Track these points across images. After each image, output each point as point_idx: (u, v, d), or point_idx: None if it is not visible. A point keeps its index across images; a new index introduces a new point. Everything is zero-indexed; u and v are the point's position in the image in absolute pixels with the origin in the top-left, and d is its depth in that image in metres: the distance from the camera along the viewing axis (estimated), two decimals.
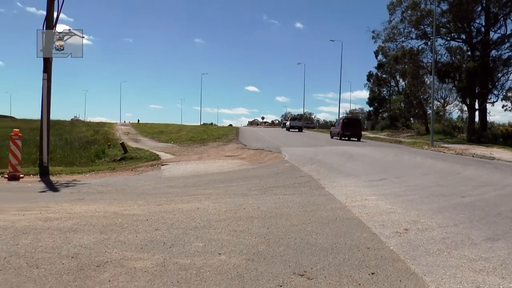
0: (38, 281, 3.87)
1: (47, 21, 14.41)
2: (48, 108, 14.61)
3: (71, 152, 21.92)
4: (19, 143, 13.71)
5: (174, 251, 4.79)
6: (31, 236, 5.39)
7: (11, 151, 13.35)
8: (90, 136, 35.02)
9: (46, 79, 14.32)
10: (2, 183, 12.04)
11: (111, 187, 10.86)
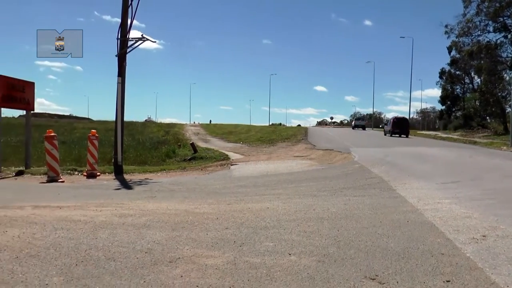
0: (115, 273, 4.05)
1: (122, 28, 15.06)
2: (122, 110, 15.24)
3: (143, 152, 22.70)
4: (96, 143, 14.41)
5: (244, 250, 4.84)
6: (108, 231, 5.66)
7: (89, 151, 14.05)
8: (161, 136, 36.11)
9: (120, 83, 14.96)
10: (81, 181, 12.70)
11: (181, 186, 11.16)
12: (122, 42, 15.04)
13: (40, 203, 8.04)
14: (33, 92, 16.49)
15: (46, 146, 12.94)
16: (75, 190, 10.36)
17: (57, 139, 13.41)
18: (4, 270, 4.18)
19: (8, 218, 6.51)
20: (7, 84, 14.94)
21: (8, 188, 10.81)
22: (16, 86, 15.44)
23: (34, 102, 16.56)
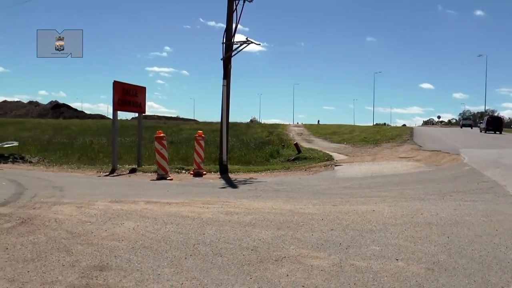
0: (222, 268, 4.13)
1: (227, 32, 15.48)
2: (227, 111, 15.65)
3: (247, 152, 23.12)
4: (202, 143, 14.93)
5: (350, 253, 4.71)
6: (215, 228, 5.80)
7: (195, 151, 14.59)
8: (265, 137, 36.60)
9: (225, 85, 15.37)
10: (188, 179, 13.21)
11: (286, 186, 11.19)
12: (227, 46, 15.44)
13: (151, 199, 8.48)
14: (144, 96, 17.51)
15: (156, 146, 13.65)
16: (183, 188, 10.80)
17: (166, 140, 14.08)
18: (122, 258, 4.46)
19: (124, 212, 6.95)
20: (122, 89, 16.02)
21: (123, 184, 11.54)
22: (130, 91, 16.50)
23: (145, 105, 17.57)
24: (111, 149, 17.94)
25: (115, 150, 15.84)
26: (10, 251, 4.77)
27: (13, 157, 19.97)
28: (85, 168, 16.47)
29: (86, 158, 20.15)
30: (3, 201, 8.06)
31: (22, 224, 6.08)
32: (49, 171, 15.48)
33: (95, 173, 14.79)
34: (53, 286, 3.73)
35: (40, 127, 55.20)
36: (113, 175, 14.10)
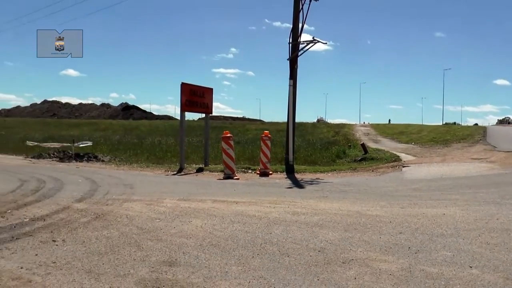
0: (289, 268, 4.10)
1: (293, 32, 15.43)
2: (294, 111, 15.60)
3: (313, 152, 22.98)
4: (268, 143, 14.97)
5: (420, 258, 4.53)
6: (282, 227, 5.79)
7: (262, 151, 14.65)
8: (331, 137, 36.25)
9: (291, 85, 15.32)
10: (254, 179, 13.29)
11: (352, 187, 11.00)
12: (294, 46, 15.40)
13: (218, 197, 8.60)
14: (211, 97, 17.81)
15: (223, 146, 13.83)
16: (249, 187, 10.87)
17: (232, 140, 14.24)
18: (191, 255, 4.54)
19: (192, 210, 7.09)
20: (190, 91, 16.40)
21: (191, 183, 11.79)
22: (197, 92, 16.85)
23: (212, 106, 17.86)
24: (178, 149, 18.39)
25: (182, 149, 16.23)
26: (87, 244, 4.99)
27: (88, 156, 20.99)
28: (154, 167, 16.98)
29: (154, 157, 20.79)
30: (80, 197, 8.46)
31: (96, 219, 6.35)
32: (120, 170, 16.10)
33: (163, 172, 15.21)
34: (126, 278, 3.85)
35: (111, 128, 57.65)
36: (181, 174, 14.44)
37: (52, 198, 8.39)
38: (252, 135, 37.97)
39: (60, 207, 7.34)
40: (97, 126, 61.14)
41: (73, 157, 20.75)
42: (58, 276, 3.92)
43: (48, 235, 5.45)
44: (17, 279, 3.86)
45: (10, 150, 25.66)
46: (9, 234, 5.48)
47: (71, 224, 6.04)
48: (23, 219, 6.40)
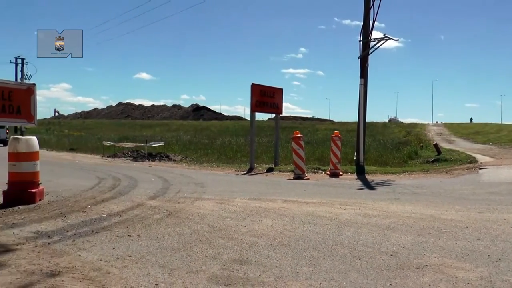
0: (361, 272, 4.04)
1: (364, 30, 15.18)
2: (365, 111, 15.35)
3: (384, 153, 22.48)
4: (339, 143, 14.81)
5: (501, 267, 4.28)
6: (352, 230, 5.71)
7: (332, 151, 14.52)
8: (402, 137, 35.30)
9: (362, 84, 15.08)
10: (324, 179, 13.20)
11: (425, 189, 10.65)
12: (364, 44, 15.14)
13: (288, 197, 8.62)
14: (281, 97, 17.87)
15: (293, 146, 13.84)
16: (319, 188, 10.80)
17: (302, 140, 14.21)
18: (262, 254, 4.58)
19: (262, 209, 7.15)
20: (260, 91, 16.54)
21: (261, 183, 11.89)
22: (267, 93, 16.97)
23: (282, 107, 17.91)
24: (248, 149, 18.61)
25: (253, 149, 16.41)
26: (160, 240, 5.17)
27: (160, 155, 21.72)
28: (224, 167, 17.28)
29: (224, 157, 21.15)
30: (153, 195, 8.77)
31: (169, 216, 6.56)
32: (191, 169, 16.51)
33: (233, 172, 15.44)
34: (198, 274, 3.95)
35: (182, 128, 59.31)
36: (251, 174, 14.60)
37: (127, 195, 8.76)
38: (322, 135, 37.73)
39: (135, 204, 7.65)
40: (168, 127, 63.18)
41: (146, 157, 21.55)
42: (134, 269, 4.09)
43: (124, 230, 5.70)
44: (97, 270, 4.07)
45: (89, 150, 27.08)
46: (89, 228, 5.80)
47: (145, 220, 6.28)
48: (101, 214, 6.74)
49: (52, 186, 9.61)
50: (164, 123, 72.65)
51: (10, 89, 7.92)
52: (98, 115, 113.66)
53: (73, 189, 9.40)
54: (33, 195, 7.73)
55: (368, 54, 15.16)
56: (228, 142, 30.62)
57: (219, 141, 31.68)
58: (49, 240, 5.20)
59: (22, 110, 8.12)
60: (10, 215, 6.67)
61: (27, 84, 8.58)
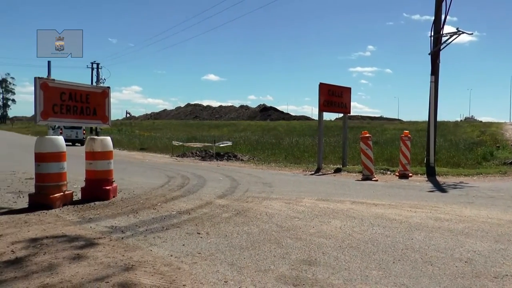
0: (433, 278, 3.91)
1: (435, 25, 14.63)
2: (435, 109, 14.81)
3: (456, 153, 21.58)
4: (408, 144, 14.41)
5: None
6: (423, 234, 5.55)
7: (401, 151, 14.15)
8: (476, 137, 33.75)
9: (433, 81, 14.55)
10: (393, 180, 12.89)
11: (502, 193, 10.12)
12: (435, 39, 14.60)
13: (357, 199, 8.50)
14: (349, 96, 17.61)
15: (361, 146, 13.62)
16: (388, 189, 10.56)
17: (371, 140, 13.95)
18: (330, 255, 4.56)
19: (330, 210, 7.11)
20: (328, 91, 16.39)
21: (329, 183, 11.78)
22: (335, 92, 16.79)
23: (350, 106, 17.65)
24: (316, 149, 18.51)
25: (320, 150, 16.31)
26: (229, 238, 5.27)
27: (227, 155, 22.06)
28: (292, 167, 17.29)
29: (292, 157, 21.15)
30: (221, 194, 8.94)
31: (237, 215, 6.66)
32: (258, 169, 16.63)
33: (301, 172, 15.42)
34: (266, 274, 3.99)
35: (250, 129, 59.84)
36: (318, 174, 14.52)
37: (195, 193, 8.98)
38: (390, 135, 36.81)
39: (203, 202, 7.84)
40: (236, 127, 63.95)
41: (214, 156, 21.96)
42: (203, 266, 4.20)
43: (193, 227, 5.86)
44: (168, 265, 4.22)
45: (158, 149, 27.97)
46: (160, 225, 6.01)
47: (213, 219, 6.42)
48: (171, 211, 6.97)
49: (125, 184, 10.05)
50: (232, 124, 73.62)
51: (87, 92, 8.38)
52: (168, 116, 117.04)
53: (144, 187, 9.78)
54: (107, 192, 8.15)
55: (440, 50, 14.60)
56: (295, 142, 30.57)
57: (287, 141, 31.70)
58: (123, 235, 5.46)
59: (98, 111, 8.55)
60: (87, 210, 7.06)
61: (102, 87, 9.01)
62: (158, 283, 3.75)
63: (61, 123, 9.22)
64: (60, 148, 7.51)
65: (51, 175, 7.37)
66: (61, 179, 7.54)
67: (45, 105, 7.49)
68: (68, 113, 7.94)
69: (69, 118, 8.08)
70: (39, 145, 7.42)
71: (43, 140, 7.46)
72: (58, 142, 7.54)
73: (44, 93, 7.47)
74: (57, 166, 7.44)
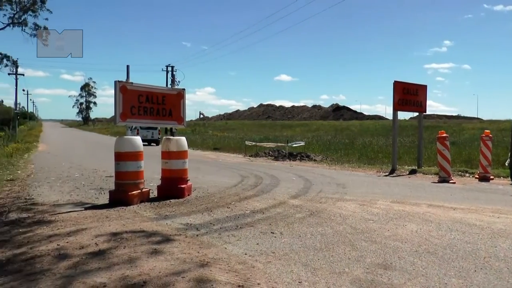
0: None
1: None
2: None
3: None
4: (489, 144, 13.70)
5: None
6: (509, 241, 5.27)
7: (481, 152, 13.48)
8: None
9: None
10: (473, 183, 12.31)
11: None
12: None
13: (433, 202, 8.22)
14: (425, 95, 16.99)
15: (438, 146, 13.11)
16: (467, 193, 10.10)
17: (448, 140, 13.40)
18: (406, 260, 4.45)
19: (406, 213, 6.92)
20: (402, 89, 15.90)
21: (404, 185, 11.45)
22: (410, 90, 16.25)
23: (426, 105, 17.03)
24: (390, 149, 18.06)
25: (395, 150, 15.89)
26: (302, 239, 5.28)
27: (300, 155, 22.02)
28: (365, 167, 16.98)
29: (365, 157, 20.77)
30: (294, 194, 8.96)
31: (310, 216, 6.65)
32: (331, 169, 16.47)
33: (374, 173, 15.10)
34: (341, 276, 3.96)
35: (322, 128, 59.51)
36: (393, 175, 14.15)
37: (269, 193, 9.06)
38: (469, 135, 35.25)
39: (277, 202, 7.89)
40: (308, 127, 63.82)
41: (286, 156, 21.98)
42: (278, 266, 4.24)
43: (267, 227, 5.92)
44: (242, 264, 4.31)
45: (231, 149, 28.41)
46: (234, 223, 6.13)
47: (287, 219, 6.45)
48: (245, 210, 7.08)
49: (199, 182, 10.33)
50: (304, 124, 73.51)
51: (163, 94, 8.70)
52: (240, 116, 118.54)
53: (217, 186, 10.00)
54: (182, 190, 8.42)
55: None
56: (369, 142, 29.97)
57: (360, 141, 31.16)
58: (197, 232, 5.63)
59: (173, 113, 8.86)
60: (163, 208, 7.35)
61: (178, 89, 9.28)
62: (232, 280, 3.83)
63: (139, 124, 9.63)
64: (137, 147, 7.86)
65: (130, 173, 7.74)
66: (139, 177, 7.90)
67: (124, 107, 7.86)
68: (145, 114, 8.29)
69: (146, 119, 8.44)
70: (118, 145, 7.81)
71: (122, 140, 7.84)
72: (136, 142, 7.89)
73: (123, 95, 7.84)
74: (135, 165, 7.80)
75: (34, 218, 6.56)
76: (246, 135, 44.75)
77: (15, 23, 33.27)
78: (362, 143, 29.82)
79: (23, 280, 3.87)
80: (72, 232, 5.58)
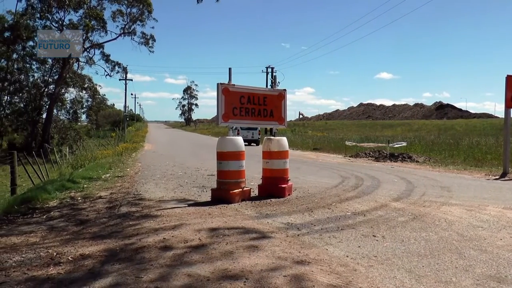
0: None
1: None
2: None
3: None
4: None
5: None
6: None
7: None
8: None
9: None
10: None
11: None
12: None
13: None
14: None
15: None
16: None
17: None
18: None
19: None
20: None
21: None
22: None
23: None
24: (500, 151, 16.88)
25: (506, 151, 14.77)
26: (405, 244, 5.09)
27: (402, 156, 21.23)
28: (472, 170, 15.98)
29: (472, 159, 19.55)
30: (396, 197, 8.65)
31: (414, 220, 6.39)
32: (435, 171, 15.69)
33: (482, 176, 14.17)
34: (448, 286, 3.75)
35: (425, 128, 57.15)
36: (504, 179, 13.17)
37: (370, 195, 8.84)
38: None
39: (378, 204, 7.68)
40: (410, 127, 61.67)
41: (387, 157, 21.33)
42: (380, 270, 4.13)
43: (368, 229, 5.78)
44: (344, 266, 4.25)
45: (331, 149, 28.11)
46: (335, 225, 6.06)
47: (389, 222, 6.25)
48: (346, 212, 6.97)
49: (299, 182, 10.34)
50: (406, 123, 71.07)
51: (264, 95, 8.81)
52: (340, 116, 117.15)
53: (318, 186, 9.94)
54: (283, 190, 8.47)
55: None
56: (476, 143, 28.15)
57: (466, 142, 29.36)
58: (298, 232, 5.63)
59: (275, 113, 8.94)
60: (264, 206, 7.44)
61: (279, 90, 9.33)
62: (334, 283, 3.78)
63: (240, 125, 9.85)
64: (239, 147, 8.03)
65: (231, 172, 7.93)
66: (240, 176, 8.06)
67: (226, 108, 8.07)
68: (246, 115, 8.45)
69: (247, 119, 8.60)
70: (220, 145, 8.03)
71: (224, 140, 8.05)
72: (237, 142, 8.06)
73: (225, 97, 8.05)
74: (237, 164, 7.97)
75: (142, 212, 6.99)
76: (346, 135, 44.12)
77: (125, 33, 35.81)
78: (468, 143, 28.06)
79: (133, 268, 4.15)
80: (176, 227, 5.86)
